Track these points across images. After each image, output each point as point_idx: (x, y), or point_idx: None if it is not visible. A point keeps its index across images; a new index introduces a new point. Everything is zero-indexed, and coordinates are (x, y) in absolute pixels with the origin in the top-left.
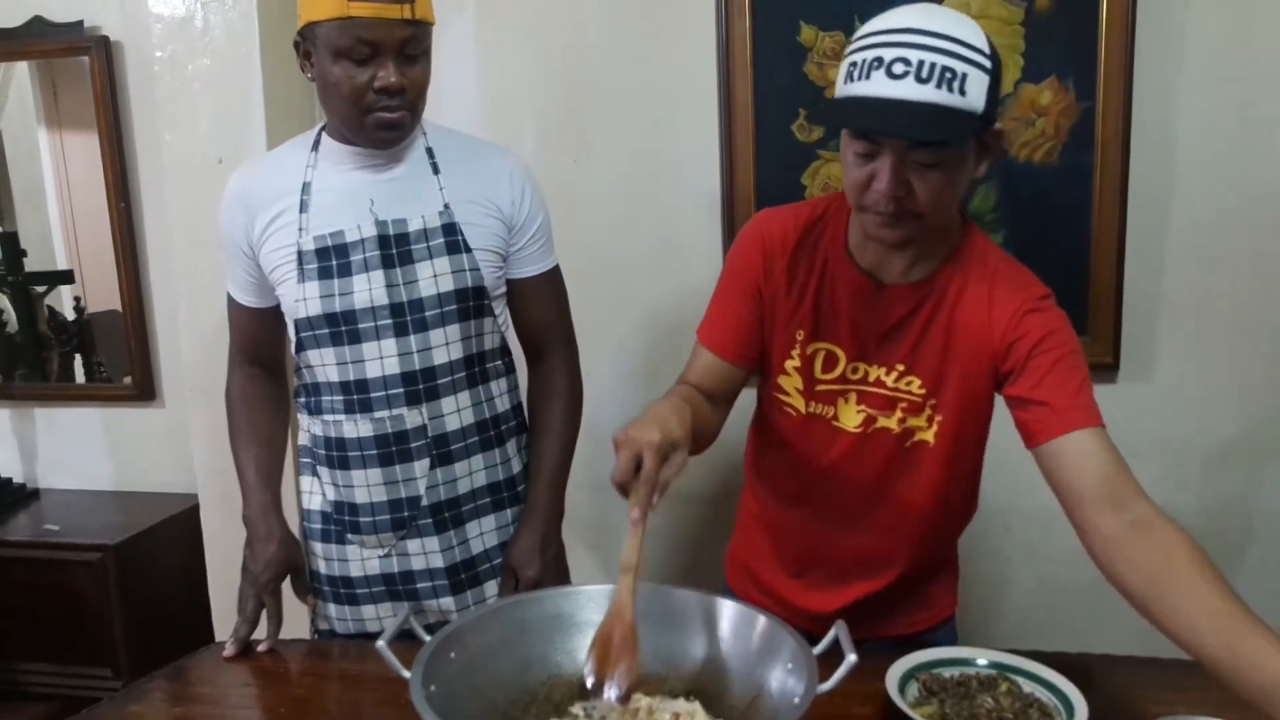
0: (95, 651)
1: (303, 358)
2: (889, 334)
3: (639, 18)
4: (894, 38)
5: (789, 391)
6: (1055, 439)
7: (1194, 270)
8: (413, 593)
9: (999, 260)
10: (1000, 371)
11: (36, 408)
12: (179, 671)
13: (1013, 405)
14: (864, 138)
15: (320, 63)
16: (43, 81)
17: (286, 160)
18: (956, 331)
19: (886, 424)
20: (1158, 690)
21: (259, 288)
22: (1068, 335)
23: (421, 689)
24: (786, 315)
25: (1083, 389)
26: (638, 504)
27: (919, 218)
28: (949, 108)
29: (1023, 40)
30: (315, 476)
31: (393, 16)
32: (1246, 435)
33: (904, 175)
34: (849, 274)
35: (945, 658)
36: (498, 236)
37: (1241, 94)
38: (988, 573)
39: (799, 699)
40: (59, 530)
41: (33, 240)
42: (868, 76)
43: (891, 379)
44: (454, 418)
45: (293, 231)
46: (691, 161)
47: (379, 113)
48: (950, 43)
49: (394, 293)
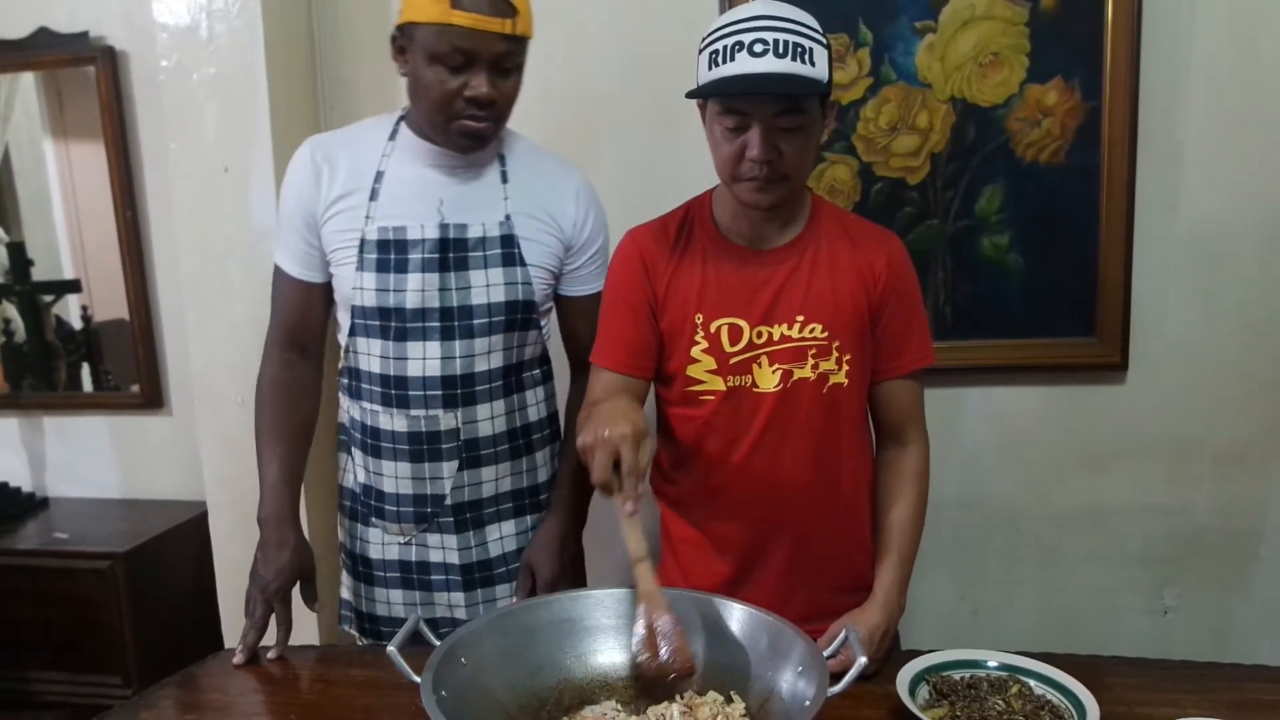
0: (105, 659)
1: (352, 342)
2: (781, 292)
3: (641, 22)
4: (750, 24)
5: (702, 378)
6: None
7: (1202, 270)
8: (426, 583)
9: (844, 213)
10: (872, 305)
11: (45, 417)
12: (189, 679)
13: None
14: (734, 112)
15: (414, 62)
16: (48, 92)
17: (364, 142)
18: (837, 273)
19: (803, 374)
20: (1169, 693)
21: (314, 261)
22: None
23: (432, 694)
24: (680, 306)
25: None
26: (629, 497)
27: (787, 179)
28: (804, 76)
29: (1028, 40)
30: (350, 456)
31: (493, 30)
32: (1257, 435)
33: (773, 140)
34: (729, 250)
35: (956, 660)
36: (554, 255)
37: (1248, 93)
38: (998, 574)
39: (810, 701)
40: (68, 539)
41: (39, 250)
42: (733, 59)
43: (795, 331)
44: (487, 424)
45: (359, 217)
46: (696, 166)
47: (465, 120)
48: (796, 24)
49: (445, 296)
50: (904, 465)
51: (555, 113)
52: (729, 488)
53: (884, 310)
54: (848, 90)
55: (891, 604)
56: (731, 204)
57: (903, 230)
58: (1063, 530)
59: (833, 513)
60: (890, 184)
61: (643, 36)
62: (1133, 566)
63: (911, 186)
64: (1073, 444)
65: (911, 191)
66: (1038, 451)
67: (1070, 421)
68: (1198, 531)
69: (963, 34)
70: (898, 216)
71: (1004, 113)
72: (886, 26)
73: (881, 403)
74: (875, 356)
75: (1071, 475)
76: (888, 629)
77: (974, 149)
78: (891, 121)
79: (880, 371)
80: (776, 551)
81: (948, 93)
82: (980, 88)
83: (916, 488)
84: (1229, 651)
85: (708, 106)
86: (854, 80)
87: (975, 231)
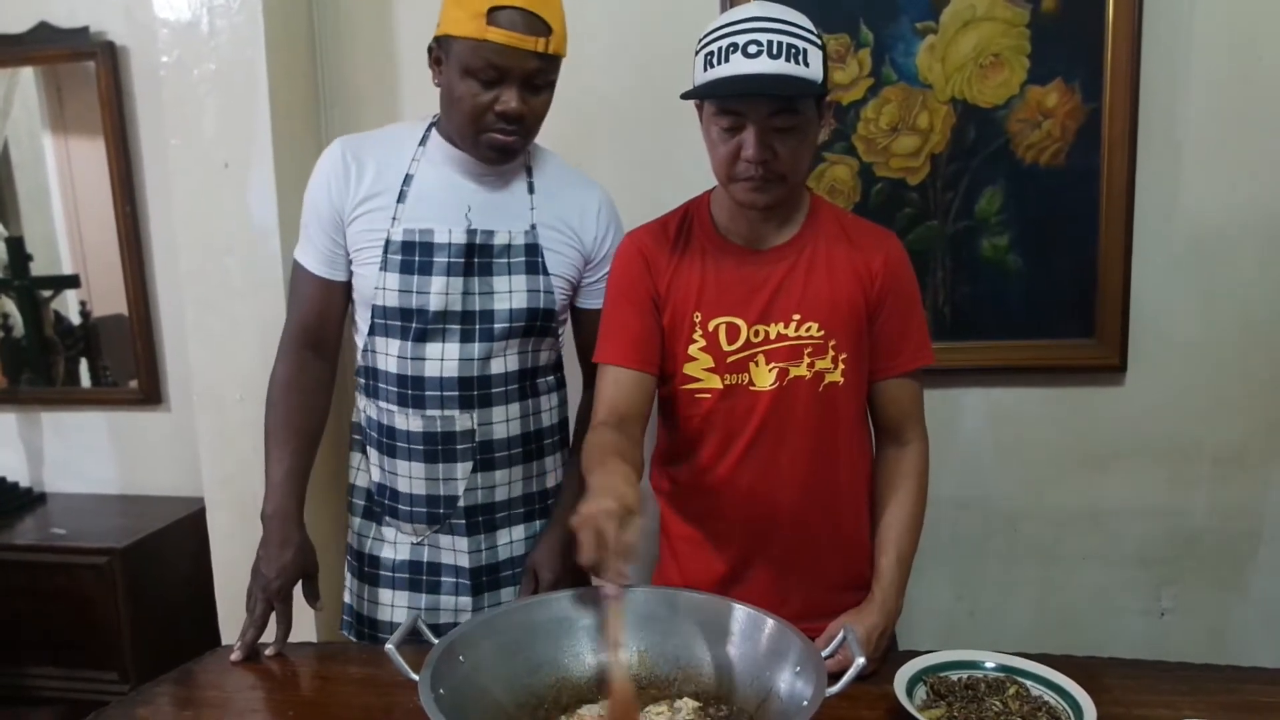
0: (102, 655)
1: (370, 342)
2: (778, 291)
3: (641, 23)
4: (744, 25)
5: (699, 376)
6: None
7: (1201, 270)
8: (434, 585)
9: (843, 213)
10: (869, 304)
11: (43, 412)
12: (186, 675)
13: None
14: (729, 113)
15: (448, 74)
16: (48, 87)
17: (395, 145)
18: (834, 272)
19: (798, 372)
20: (1166, 694)
21: (337, 260)
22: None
23: (430, 692)
24: (680, 304)
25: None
26: (613, 578)
27: (783, 179)
28: (798, 77)
29: (1028, 42)
30: (365, 455)
31: (527, 48)
32: (1255, 437)
33: (768, 141)
34: (727, 250)
35: (953, 660)
36: (574, 267)
37: (1248, 94)
38: (996, 574)
39: (807, 701)
40: (65, 534)
41: (38, 245)
42: (727, 60)
43: (792, 329)
44: (502, 426)
45: (385, 218)
46: (696, 168)
47: (494, 134)
48: (790, 26)
49: (468, 300)
50: (903, 464)
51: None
52: (726, 486)
53: (881, 310)
54: (848, 90)
55: (889, 604)
56: (729, 204)
57: (902, 231)
58: (1061, 530)
59: (830, 511)
60: (890, 184)
61: (642, 38)
62: (1131, 567)
63: (911, 187)
64: (1071, 444)
65: (911, 192)
66: (1036, 452)
67: (1069, 422)
68: (1196, 532)
69: (963, 35)
70: (898, 217)
71: (1004, 114)
72: (887, 27)
73: (880, 402)
74: (873, 356)
75: (1070, 476)
76: (885, 629)
77: (974, 150)
78: (892, 122)
79: (879, 371)
80: (774, 549)
81: (948, 93)
82: (981, 89)
83: (915, 487)
84: (1226, 653)
85: (704, 107)
86: (854, 81)
87: (975, 232)
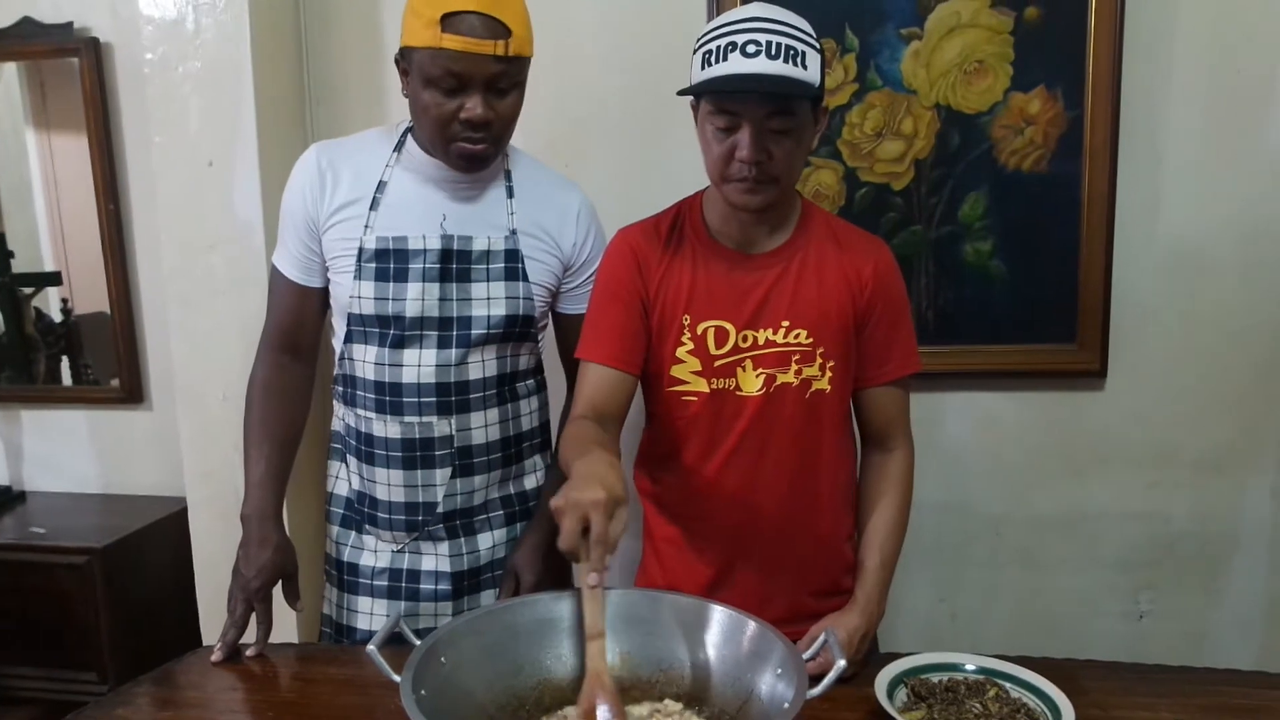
0: (81, 655)
1: (348, 349)
2: (768, 297)
3: (632, 25)
4: (744, 25)
5: (686, 379)
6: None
7: (1181, 277)
8: (414, 593)
9: (834, 219)
10: (858, 312)
11: (23, 410)
12: (166, 676)
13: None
14: (726, 112)
15: (413, 85)
16: (31, 82)
17: (369, 151)
18: (824, 280)
19: (786, 379)
20: (1144, 696)
21: (313, 266)
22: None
23: (412, 693)
24: (670, 306)
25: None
26: (594, 568)
27: (776, 182)
28: (795, 78)
29: (1012, 49)
30: (344, 463)
31: (485, 52)
32: (1234, 442)
33: (763, 142)
34: (718, 253)
35: (934, 663)
36: (553, 273)
37: (1228, 102)
38: (978, 578)
39: (788, 704)
40: (45, 533)
41: (20, 241)
42: (725, 59)
43: (780, 336)
44: (480, 431)
45: (358, 225)
46: (685, 170)
47: (462, 142)
48: (789, 28)
49: (445, 307)
50: (888, 470)
51: (544, 117)
52: (710, 489)
53: (870, 317)
54: (833, 95)
55: (872, 607)
56: (721, 206)
57: (887, 236)
58: (1042, 535)
59: (814, 516)
60: (875, 189)
61: (632, 40)
62: (1110, 571)
63: (896, 192)
64: (1053, 450)
65: (896, 197)
66: (1018, 456)
67: (1051, 427)
68: (1174, 537)
69: (948, 41)
70: (882, 222)
71: (988, 120)
72: (873, 33)
73: (867, 408)
74: (861, 363)
75: (1051, 480)
76: (867, 632)
77: (958, 156)
78: (877, 127)
79: (866, 378)
80: (757, 554)
81: (932, 99)
82: (965, 95)
83: (900, 493)
84: (1203, 656)
85: (700, 106)
86: (840, 86)
87: (958, 238)
